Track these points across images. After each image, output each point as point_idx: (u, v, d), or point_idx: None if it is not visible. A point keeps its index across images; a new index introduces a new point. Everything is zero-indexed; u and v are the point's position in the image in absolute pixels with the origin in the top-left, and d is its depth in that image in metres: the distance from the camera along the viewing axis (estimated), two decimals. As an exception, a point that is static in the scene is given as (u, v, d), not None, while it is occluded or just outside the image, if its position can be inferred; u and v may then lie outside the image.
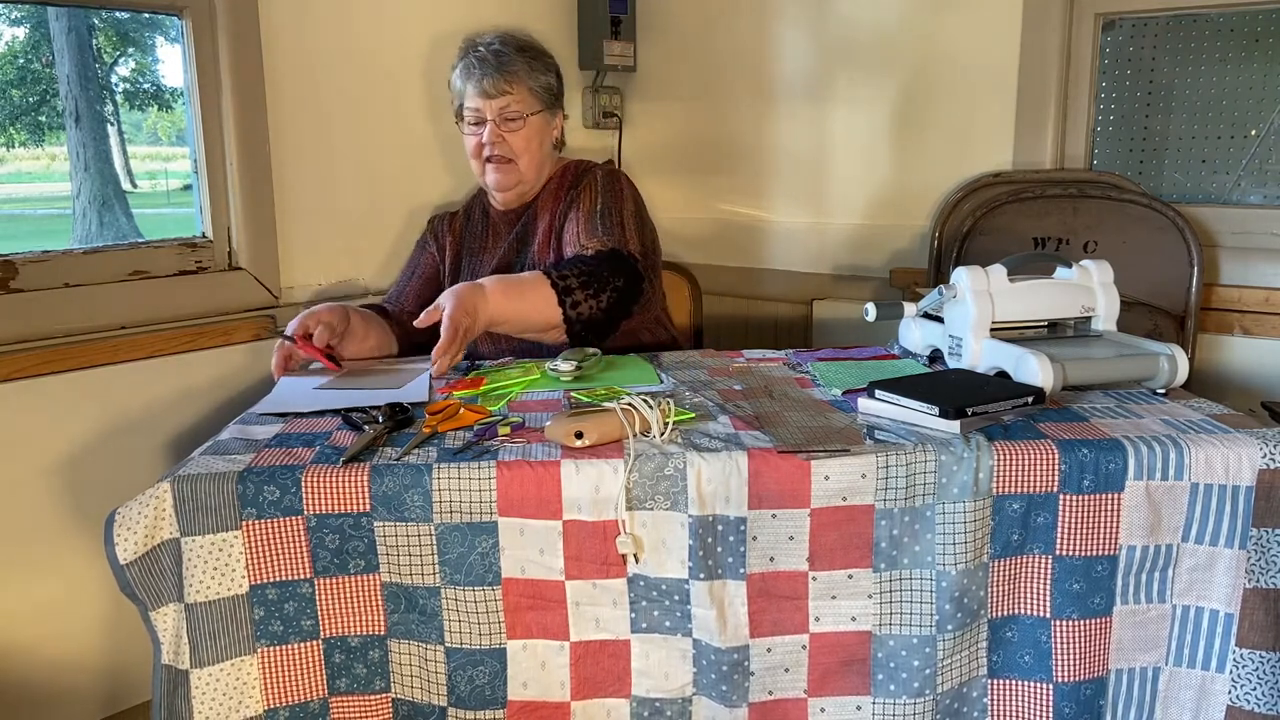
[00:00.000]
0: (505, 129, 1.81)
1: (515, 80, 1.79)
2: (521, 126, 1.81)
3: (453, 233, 1.97)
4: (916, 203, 2.31)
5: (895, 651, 1.17)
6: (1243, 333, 1.95)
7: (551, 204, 1.86)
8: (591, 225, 1.75)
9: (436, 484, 1.12)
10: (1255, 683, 1.16)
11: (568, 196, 1.85)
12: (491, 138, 1.80)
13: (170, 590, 1.12)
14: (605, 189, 1.83)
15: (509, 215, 1.91)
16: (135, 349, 1.79)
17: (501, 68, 1.78)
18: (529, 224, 1.88)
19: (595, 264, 1.66)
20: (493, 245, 1.92)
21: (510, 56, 1.80)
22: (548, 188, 1.90)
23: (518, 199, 1.89)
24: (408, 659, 1.17)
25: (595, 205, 1.80)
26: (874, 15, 2.32)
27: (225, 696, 1.13)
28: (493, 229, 1.93)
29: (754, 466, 1.13)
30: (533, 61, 1.83)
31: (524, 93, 1.81)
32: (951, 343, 1.46)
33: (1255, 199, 2.02)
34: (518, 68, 1.80)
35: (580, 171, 1.91)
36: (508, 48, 1.81)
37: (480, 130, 1.82)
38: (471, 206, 2.00)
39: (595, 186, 1.83)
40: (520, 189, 1.87)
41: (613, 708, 1.18)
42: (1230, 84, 2.01)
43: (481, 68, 1.79)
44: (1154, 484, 1.15)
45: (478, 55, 1.80)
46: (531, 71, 1.82)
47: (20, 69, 2.39)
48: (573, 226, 1.78)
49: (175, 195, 2.74)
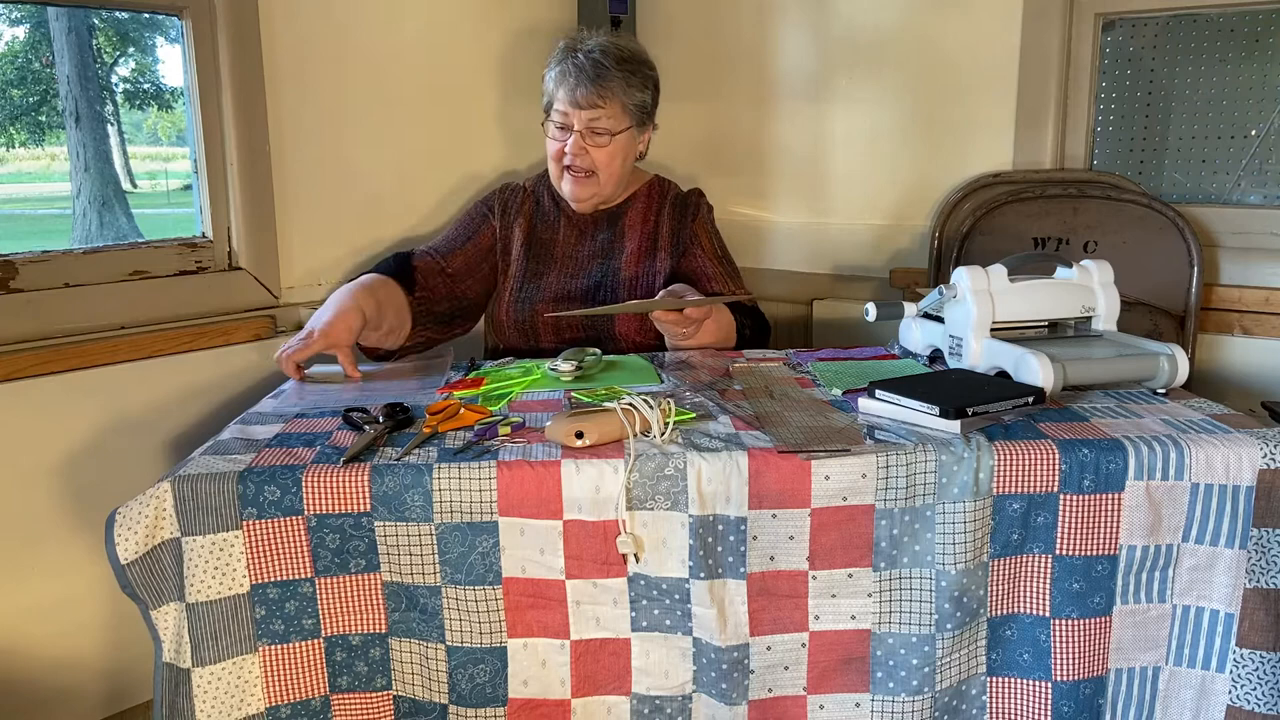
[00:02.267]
0: (590, 142, 1.78)
1: (609, 96, 1.75)
2: (608, 143, 1.78)
3: (525, 211, 1.91)
4: (916, 203, 2.31)
5: (894, 650, 1.17)
6: (1243, 333, 1.95)
7: (641, 224, 1.86)
8: (730, 273, 1.88)
9: (437, 484, 1.12)
10: (1255, 682, 1.17)
11: (671, 228, 1.87)
12: (575, 149, 1.78)
13: (171, 590, 1.12)
14: (715, 231, 1.94)
15: (586, 218, 1.90)
16: (135, 349, 1.78)
17: (598, 79, 1.74)
18: (615, 238, 1.87)
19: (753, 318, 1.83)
20: (566, 242, 1.88)
21: (609, 70, 1.75)
22: (634, 204, 1.89)
23: (594, 206, 1.88)
24: (409, 657, 1.17)
25: (716, 250, 1.90)
26: (874, 15, 2.32)
27: (227, 695, 1.13)
28: (568, 224, 1.90)
29: (754, 466, 1.13)
30: (630, 76, 1.78)
31: (616, 109, 1.77)
32: (952, 343, 1.46)
33: (1255, 199, 2.02)
34: (614, 83, 1.75)
35: (672, 196, 1.92)
36: (608, 59, 1.75)
37: (564, 137, 1.79)
38: (539, 190, 1.94)
39: (709, 228, 1.92)
40: (596, 199, 1.86)
41: (613, 705, 1.18)
42: (1230, 84, 2.01)
43: (577, 76, 1.74)
44: (1154, 484, 1.15)
45: (576, 62, 1.76)
46: (628, 88, 1.78)
47: (20, 69, 2.39)
48: (710, 272, 1.85)
49: (175, 195, 2.74)
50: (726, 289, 1.83)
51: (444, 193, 2.30)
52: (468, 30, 2.32)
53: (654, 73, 1.85)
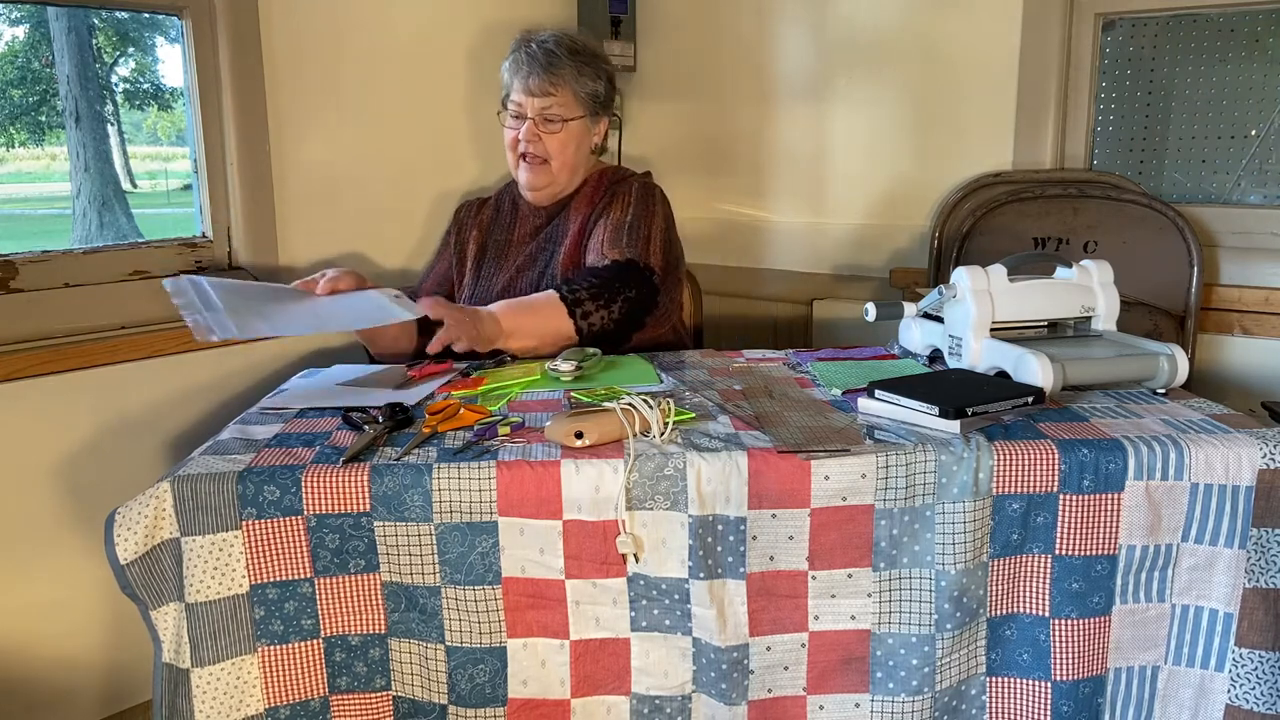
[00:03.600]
0: (543, 129, 1.80)
1: (560, 83, 1.79)
2: (559, 130, 1.81)
3: (480, 222, 1.96)
4: (916, 203, 2.31)
5: (894, 650, 1.17)
6: (1243, 333, 1.95)
7: (585, 208, 1.86)
8: (617, 236, 1.75)
9: (436, 484, 1.12)
10: (1254, 682, 1.17)
11: (601, 203, 1.85)
12: (528, 136, 1.80)
13: (171, 590, 1.12)
14: (638, 201, 1.83)
15: (539, 211, 1.91)
16: (135, 349, 1.78)
17: (549, 68, 1.78)
18: (560, 225, 1.87)
19: (609, 274, 1.68)
20: (519, 239, 1.91)
21: (560, 59, 1.78)
22: (583, 191, 1.89)
23: (550, 197, 1.89)
24: (408, 657, 1.17)
25: (625, 216, 1.79)
26: (874, 15, 2.32)
27: (226, 695, 1.13)
28: (521, 222, 1.92)
29: (754, 466, 1.13)
30: (583, 66, 1.81)
31: (568, 97, 1.80)
32: (951, 343, 1.46)
33: (1255, 199, 2.02)
34: (565, 71, 1.79)
35: (616, 180, 1.90)
36: (560, 49, 1.79)
37: (518, 125, 1.82)
38: (502, 196, 1.99)
39: (629, 198, 1.83)
40: (552, 189, 1.87)
41: (612, 705, 1.18)
42: (1230, 84, 2.01)
43: (530, 65, 1.78)
44: (1154, 484, 1.15)
45: (528, 52, 1.79)
46: (579, 77, 1.81)
47: (20, 69, 2.39)
48: (599, 234, 1.78)
49: (175, 195, 2.74)
50: (600, 252, 1.72)
51: (444, 192, 2.30)
52: (467, 30, 2.32)
53: (608, 66, 1.88)
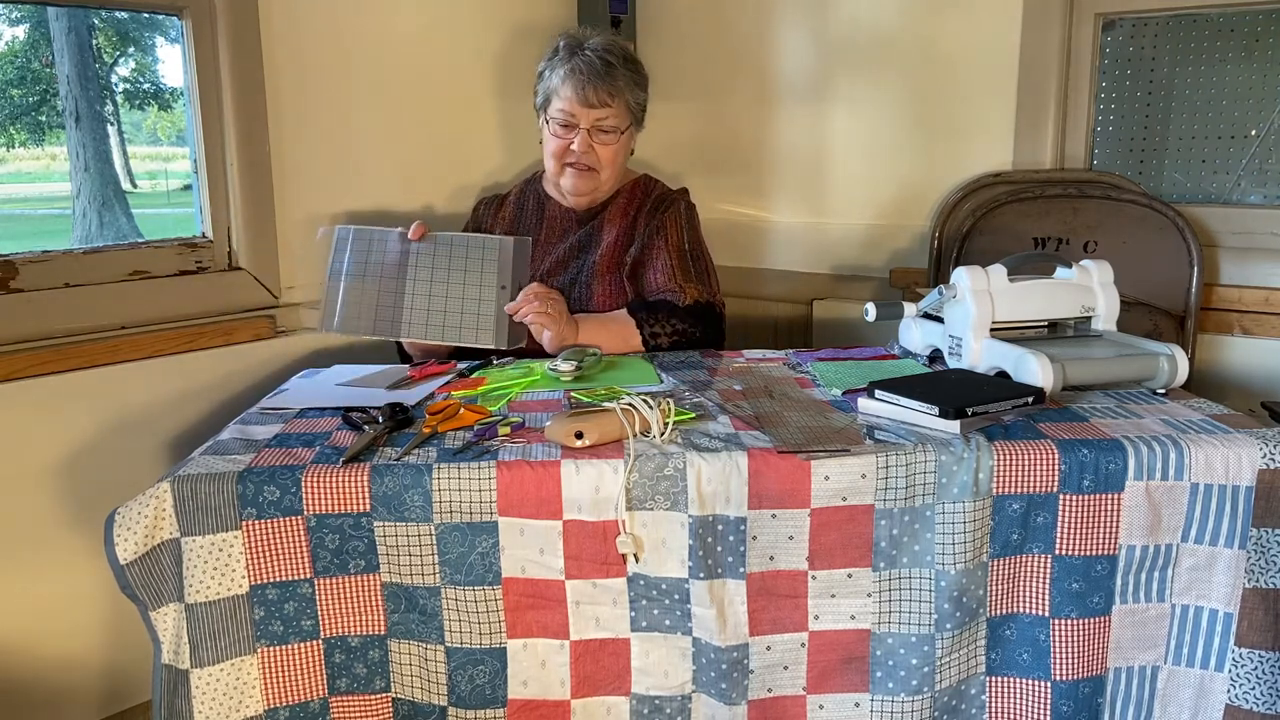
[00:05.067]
0: (597, 140, 1.81)
1: (618, 94, 1.79)
2: (614, 140, 1.81)
3: (501, 219, 1.95)
4: (916, 203, 2.31)
5: (894, 649, 1.17)
6: (1243, 333, 1.95)
7: (620, 219, 1.87)
8: (684, 265, 1.81)
9: (436, 484, 1.12)
10: (1254, 682, 1.17)
11: (647, 221, 1.86)
12: (582, 146, 1.80)
13: (170, 590, 1.12)
14: (689, 225, 1.88)
15: (569, 214, 1.91)
16: (135, 349, 1.78)
17: (609, 78, 1.78)
18: (594, 232, 1.87)
19: (690, 319, 1.75)
20: (547, 242, 1.90)
21: (617, 69, 1.79)
22: (616, 200, 1.90)
23: (590, 203, 1.90)
24: (408, 659, 1.17)
25: (684, 244, 1.84)
26: (874, 15, 2.32)
27: (225, 696, 1.13)
28: (549, 223, 1.92)
29: (754, 466, 1.13)
30: (635, 76, 1.83)
31: (622, 107, 1.81)
32: (951, 343, 1.46)
33: (1255, 199, 2.02)
34: (621, 83, 1.80)
35: (656, 195, 1.92)
36: (614, 58, 1.79)
37: (568, 134, 1.81)
38: (525, 194, 1.98)
39: (680, 221, 1.87)
40: (595, 195, 1.88)
41: (612, 705, 1.18)
42: (1230, 84, 2.01)
43: (588, 74, 1.77)
44: (1154, 484, 1.15)
45: (585, 60, 1.78)
46: (633, 87, 1.82)
47: (20, 69, 2.39)
48: (663, 263, 1.80)
49: (175, 195, 2.74)
50: (674, 282, 1.78)
51: (444, 191, 2.30)
52: (468, 29, 2.32)
53: (647, 75, 1.90)
